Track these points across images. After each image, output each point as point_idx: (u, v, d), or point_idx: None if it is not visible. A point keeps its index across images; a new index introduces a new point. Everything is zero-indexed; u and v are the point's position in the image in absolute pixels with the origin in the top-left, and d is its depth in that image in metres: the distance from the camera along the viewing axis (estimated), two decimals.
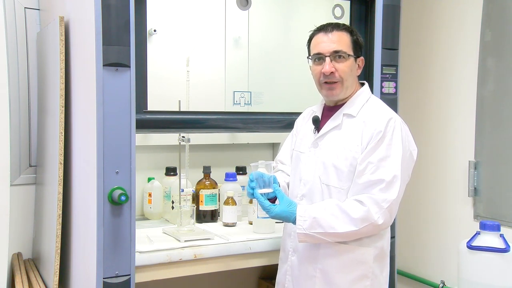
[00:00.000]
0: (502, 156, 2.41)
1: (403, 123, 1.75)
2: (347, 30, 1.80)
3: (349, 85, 1.79)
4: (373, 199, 1.65)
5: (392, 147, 1.67)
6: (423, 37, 2.80)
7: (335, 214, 1.66)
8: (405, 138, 1.72)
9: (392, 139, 1.68)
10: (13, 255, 2.40)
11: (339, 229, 1.65)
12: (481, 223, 2.19)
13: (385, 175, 1.65)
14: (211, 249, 1.99)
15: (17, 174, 2.45)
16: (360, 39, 1.82)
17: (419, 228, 2.82)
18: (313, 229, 1.68)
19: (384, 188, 1.64)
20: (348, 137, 1.74)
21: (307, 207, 1.72)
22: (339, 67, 1.75)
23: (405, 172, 1.70)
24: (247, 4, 2.29)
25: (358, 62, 1.81)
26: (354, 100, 1.80)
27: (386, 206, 1.64)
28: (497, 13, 2.43)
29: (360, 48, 1.82)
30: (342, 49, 1.76)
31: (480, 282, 2.12)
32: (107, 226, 1.75)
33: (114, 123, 1.75)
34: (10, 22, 2.40)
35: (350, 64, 1.77)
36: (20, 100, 2.46)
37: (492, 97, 2.45)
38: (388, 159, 1.66)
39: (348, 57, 1.76)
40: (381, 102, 1.83)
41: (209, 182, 2.40)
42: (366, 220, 1.64)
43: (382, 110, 1.77)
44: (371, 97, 1.83)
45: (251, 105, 2.34)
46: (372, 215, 1.64)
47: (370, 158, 1.67)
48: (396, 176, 1.65)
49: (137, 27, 1.82)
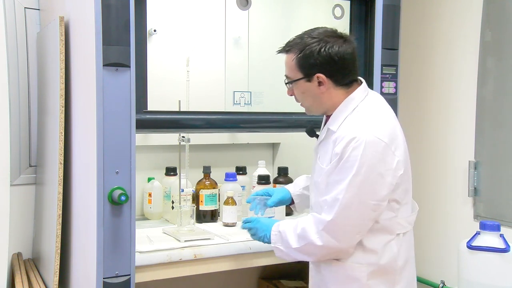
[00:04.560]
0: (502, 156, 2.41)
1: (376, 142, 1.57)
2: (293, 50, 1.67)
3: (313, 106, 1.73)
4: (313, 218, 1.64)
5: (345, 170, 1.57)
6: (423, 37, 2.80)
7: (294, 229, 1.68)
8: (369, 160, 1.56)
9: (348, 161, 1.57)
10: (13, 255, 2.40)
11: (292, 244, 1.67)
12: (481, 223, 2.19)
13: (328, 197, 1.60)
14: (211, 249, 1.99)
15: (17, 174, 2.45)
16: (314, 54, 1.63)
17: (419, 228, 2.81)
18: (278, 243, 1.72)
19: (325, 209, 1.61)
20: (324, 155, 1.70)
21: (282, 221, 1.76)
22: (294, 91, 1.74)
23: (365, 196, 1.58)
24: (247, 4, 2.29)
25: (315, 80, 1.66)
26: (338, 114, 1.68)
27: (320, 228, 1.60)
28: (497, 13, 2.43)
29: (314, 64, 1.64)
30: (287, 74, 1.73)
31: (480, 282, 2.12)
32: (107, 226, 1.75)
33: (114, 123, 1.74)
34: (10, 22, 2.40)
35: (299, 87, 1.70)
36: (20, 100, 2.46)
37: (492, 97, 2.45)
38: (339, 181, 1.58)
39: (295, 82, 1.69)
40: (363, 114, 1.66)
41: (209, 182, 2.40)
42: (304, 238, 1.64)
43: (352, 127, 1.61)
44: (357, 106, 1.67)
45: (251, 105, 2.34)
46: (308, 234, 1.63)
47: (328, 179, 1.64)
48: (337, 199, 1.57)
49: (137, 27, 1.82)
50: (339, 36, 1.68)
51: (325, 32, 1.68)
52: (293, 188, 2.04)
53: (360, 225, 1.61)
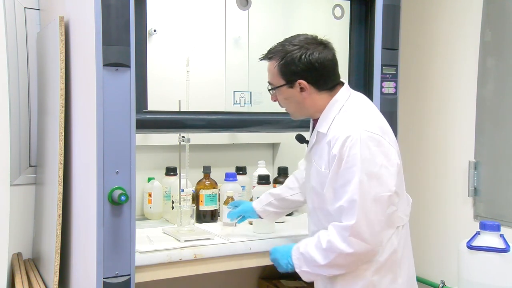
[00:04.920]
0: (502, 156, 2.41)
1: (370, 136, 1.60)
2: (275, 58, 1.70)
3: (296, 111, 1.76)
4: (335, 228, 1.61)
5: (349, 170, 1.58)
6: (423, 37, 2.80)
7: (317, 246, 1.65)
8: (369, 154, 1.59)
9: (349, 161, 1.58)
10: (13, 255, 2.40)
11: (320, 261, 1.63)
12: (481, 223, 2.19)
13: (343, 202, 1.58)
14: (211, 249, 1.99)
15: (17, 174, 2.45)
16: (295, 61, 1.66)
17: (419, 228, 2.82)
18: (303, 266, 1.67)
19: (344, 215, 1.59)
20: (320, 159, 1.70)
21: (299, 243, 1.72)
22: (277, 97, 1.76)
23: (374, 190, 1.59)
24: (247, 4, 2.29)
25: (297, 86, 1.69)
26: (325, 116, 1.71)
27: (347, 234, 1.57)
28: (497, 13, 2.43)
29: (295, 71, 1.67)
30: (269, 81, 1.75)
31: (480, 282, 2.12)
32: (107, 226, 1.75)
33: (114, 123, 1.74)
34: (10, 22, 2.40)
35: (282, 93, 1.73)
36: (20, 100, 2.46)
37: (492, 97, 2.45)
38: (348, 183, 1.58)
39: (277, 88, 1.72)
40: (350, 113, 1.68)
41: (209, 182, 2.40)
42: (332, 250, 1.60)
43: (343, 126, 1.63)
44: (343, 106, 1.70)
45: (251, 105, 2.34)
46: (336, 245, 1.59)
47: (334, 185, 1.62)
48: (353, 200, 1.56)
49: (137, 27, 1.82)
50: (319, 42, 1.71)
51: (306, 39, 1.72)
52: (256, 205, 2.09)
53: (382, 220, 1.61)
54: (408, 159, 1.81)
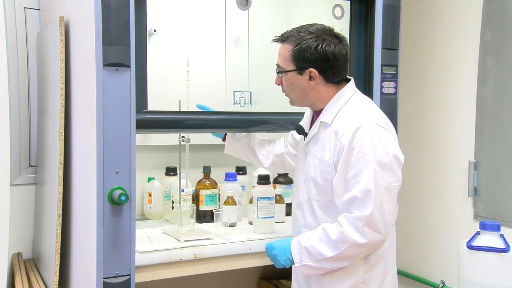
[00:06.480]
0: (502, 156, 2.41)
1: (378, 128, 1.64)
2: (289, 41, 1.71)
3: (298, 98, 1.76)
4: (348, 219, 1.61)
5: (362, 160, 1.59)
6: (423, 37, 2.80)
7: (322, 239, 1.65)
8: (381, 144, 1.61)
9: (361, 151, 1.59)
10: (13, 255, 2.40)
11: (327, 254, 1.63)
12: (481, 223, 2.19)
13: (357, 192, 1.59)
14: (211, 249, 1.99)
15: (17, 174, 2.45)
16: (311, 50, 1.67)
17: (419, 228, 2.82)
18: (305, 260, 1.67)
19: (358, 206, 1.59)
20: (323, 149, 1.70)
21: (299, 237, 1.72)
22: (282, 81, 1.76)
23: (386, 180, 1.61)
24: (247, 4, 2.29)
25: (307, 74, 1.70)
26: (331, 106, 1.72)
27: (362, 225, 1.57)
28: (497, 13, 2.43)
29: (308, 59, 1.68)
30: (279, 63, 1.75)
31: (480, 282, 2.12)
32: (107, 226, 1.75)
33: (114, 123, 1.74)
34: (10, 22, 2.40)
35: (289, 78, 1.73)
36: (20, 100, 2.46)
37: (492, 97, 2.45)
38: (360, 174, 1.59)
39: (286, 72, 1.73)
40: (357, 106, 1.71)
41: (209, 182, 2.40)
42: (345, 241, 1.60)
43: (353, 117, 1.66)
44: (350, 99, 1.73)
45: (251, 105, 2.34)
46: (349, 235, 1.59)
47: (345, 176, 1.62)
48: (369, 190, 1.57)
49: (137, 27, 1.82)
50: (336, 35, 1.73)
51: (323, 29, 1.72)
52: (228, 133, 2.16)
53: (392, 211, 1.63)
54: (408, 159, 1.81)
